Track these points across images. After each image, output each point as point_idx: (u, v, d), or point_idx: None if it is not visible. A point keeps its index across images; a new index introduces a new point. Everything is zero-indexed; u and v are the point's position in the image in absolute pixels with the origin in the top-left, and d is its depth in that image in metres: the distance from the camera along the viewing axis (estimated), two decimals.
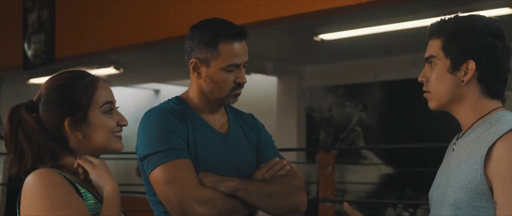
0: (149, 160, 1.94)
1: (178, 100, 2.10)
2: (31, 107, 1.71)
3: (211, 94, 2.06)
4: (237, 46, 2.04)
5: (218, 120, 2.12)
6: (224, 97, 2.06)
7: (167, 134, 1.95)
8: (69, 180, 1.64)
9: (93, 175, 1.66)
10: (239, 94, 2.09)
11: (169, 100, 2.11)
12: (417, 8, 4.68)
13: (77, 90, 1.70)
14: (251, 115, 2.27)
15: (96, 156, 1.75)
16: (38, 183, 1.58)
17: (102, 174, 1.67)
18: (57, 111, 1.69)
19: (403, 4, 4.36)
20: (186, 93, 2.14)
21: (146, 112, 2.05)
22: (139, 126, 2.02)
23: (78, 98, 1.69)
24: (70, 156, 1.70)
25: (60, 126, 1.69)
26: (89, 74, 1.76)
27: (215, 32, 2.03)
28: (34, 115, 1.71)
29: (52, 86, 1.72)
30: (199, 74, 2.06)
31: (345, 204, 1.88)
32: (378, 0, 3.79)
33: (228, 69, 2.03)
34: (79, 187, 1.65)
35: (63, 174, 1.65)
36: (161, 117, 2.00)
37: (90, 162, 1.69)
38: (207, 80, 2.05)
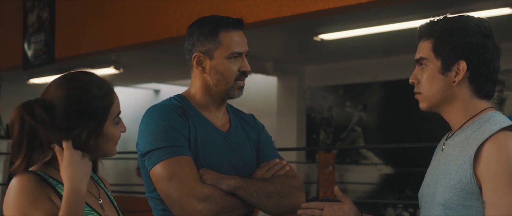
0: (150, 156, 1.95)
1: (180, 97, 2.11)
2: (44, 105, 1.65)
3: (216, 86, 2.06)
4: (237, 35, 2.07)
5: (219, 119, 2.13)
6: (229, 88, 2.06)
7: (169, 130, 1.96)
8: (50, 183, 1.63)
9: (61, 169, 1.63)
10: (243, 86, 2.10)
11: (171, 97, 2.12)
12: (417, 8, 4.69)
13: (99, 102, 1.67)
14: (252, 115, 2.28)
15: (95, 158, 1.75)
16: (14, 190, 1.59)
17: (62, 172, 1.62)
18: (79, 122, 1.65)
19: (403, 4, 4.36)
20: (188, 91, 2.14)
21: (148, 109, 2.05)
22: (140, 123, 2.03)
23: (99, 112, 1.67)
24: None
25: (74, 134, 1.65)
26: (104, 81, 1.72)
27: (213, 23, 2.07)
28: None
29: (75, 94, 1.66)
30: (203, 68, 2.07)
31: (336, 188, 1.89)
32: (378, 0, 3.79)
33: (232, 56, 2.05)
34: (60, 189, 1.63)
35: (47, 175, 1.65)
36: (163, 114, 2.00)
37: (65, 151, 1.63)
38: (212, 72, 2.06)
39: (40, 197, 1.59)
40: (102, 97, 1.68)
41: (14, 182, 1.61)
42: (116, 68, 7.05)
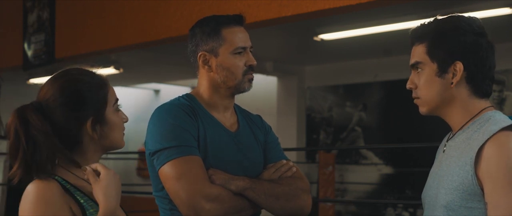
0: (159, 155, 1.95)
1: (189, 97, 2.11)
2: (39, 108, 1.63)
3: (225, 83, 2.07)
4: (239, 30, 2.10)
5: (227, 119, 2.13)
6: (238, 82, 2.08)
7: (178, 130, 1.96)
8: (68, 189, 1.60)
9: (94, 190, 1.60)
10: (252, 79, 2.12)
11: (179, 97, 2.12)
12: (417, 8, 4.68)
13: (96, 90, 1.68)
14: (259, 116, 2.28)
15: (103, 154, 1.74)
16: (32, 197, 1.55)
17: (100, 193, 1.58)
18: (80, 112, 1.64)
19: (403, 4, 4.36)
20: (195, 90, 2.15)
21: (156, 108, 2.06)
22: (149, 122, 2.03)
23: (97, 98, 1.67)
24: (78, 157, 1.67)
25: (79, 127, 1.65)
26: (95, 72, 1.73)
27: (214, 21, 2.09)
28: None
29: (68, 86, 1.66)
30: (209, 67, 2.08)
31: None
32: (378, 0, 3.79)
33: (237, 52, 2.07)
34: (79, 197, 1.61)
35: (65, 181, 1.61)
36: (172, 113, 2.00)
37: (94, 173, 1.61)
38: (218, 69, 2.07)
39: (61, 210, 1.55)
40: (96, 85, 1.69)
41: (33, 189, 1.56)
42: (116, 68, 7.05)
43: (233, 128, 2.13)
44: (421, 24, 1.76)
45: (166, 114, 2.01)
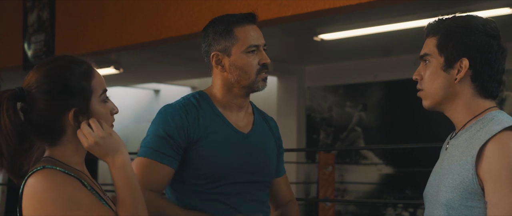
0: (140, 149, 2.02)
1: (201, 95, 2.11)
2: (21, 95, 1.59)
3: (239, 83, 2.06)
4: (251, 29, 2.09)
5: (241, 119, 2.12)
6: (252, 82, 2.06)
7: (163, 136, 1.99)
8: (73, 176, 1.57)
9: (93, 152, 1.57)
10: (266, 78, 2.10)
11: (191, 94, 2.13)
12: (417, 8, 4.69)
13: (79, 79, 1.60)
14: (274, 121, 2.29)
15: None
16: (45, 185, 1.49)
17: (98, 152, 1.57)
18: (62, 100, 1.58)
19: (403, 4, 4.36)
20: (210, 89, 2.15)
21: (162, 107, 2.09)
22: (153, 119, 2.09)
23: (81, 87, 1.59)
24: (61, 148, 1.61)
25: (61, 117, 1.58)
26: (83, 60, 1.65)
27: (227, 20, 2.08)
28: (20, 103, 1.60)
29: (52, 73, 1.60)
30: (223, 66, 2.07)
31: None
32: (378, 0, 3.79)
33: (249, 50, 2.05)
34: (84, 181, 1.58)
35: (64, 170, 1.57)
36: (167, 117, 2.02)
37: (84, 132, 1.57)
38: (231, 69, 2.06)
39: (75, 184, 1.53)
40: (81, 73, 1.61)
41: (37, 178, 1.50)
42: (116, 68, 7.06)
43: (246, 128, 2.12)
44: (438, 19, 1.78)
45: (161, 117, 2.04)
